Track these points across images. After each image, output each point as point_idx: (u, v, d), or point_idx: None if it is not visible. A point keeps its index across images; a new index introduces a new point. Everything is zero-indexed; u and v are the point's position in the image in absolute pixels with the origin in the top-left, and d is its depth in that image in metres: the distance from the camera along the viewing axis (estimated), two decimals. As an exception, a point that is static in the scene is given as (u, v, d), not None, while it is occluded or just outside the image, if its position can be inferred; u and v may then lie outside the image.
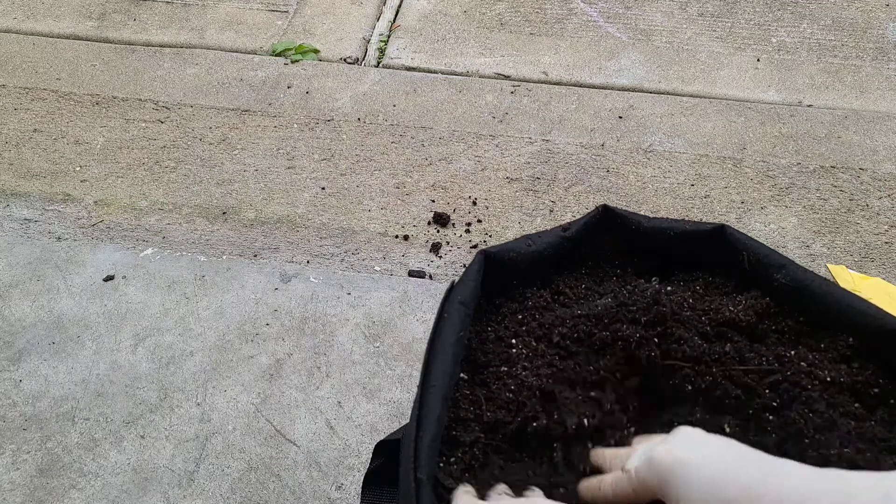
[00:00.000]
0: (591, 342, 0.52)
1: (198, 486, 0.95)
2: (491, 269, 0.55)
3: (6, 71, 1.63)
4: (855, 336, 0.50)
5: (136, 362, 1.09)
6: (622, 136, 1.50)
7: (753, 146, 1.48)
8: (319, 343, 1.11)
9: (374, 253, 1.27)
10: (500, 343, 0.55)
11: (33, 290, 1.18)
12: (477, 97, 1.58)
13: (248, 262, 1.24)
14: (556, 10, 1.85)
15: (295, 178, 1.40)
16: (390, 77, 1.64)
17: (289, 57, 1.69)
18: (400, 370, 1.08)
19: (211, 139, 1.48)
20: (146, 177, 1.41)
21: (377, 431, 1.01)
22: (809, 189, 1.39)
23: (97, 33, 1.76)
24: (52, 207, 1.35)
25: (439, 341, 0.48)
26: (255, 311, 1.16)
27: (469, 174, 1.41)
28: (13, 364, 1.08)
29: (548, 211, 1.34)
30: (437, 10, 1.86)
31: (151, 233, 1.30)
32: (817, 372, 0.48)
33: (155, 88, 1.60)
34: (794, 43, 1.75)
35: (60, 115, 1.53)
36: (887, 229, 1.32)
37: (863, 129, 1.51)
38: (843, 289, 0.52)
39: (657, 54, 1.72)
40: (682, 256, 0.60)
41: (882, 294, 1.19)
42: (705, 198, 1.37)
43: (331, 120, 1.53)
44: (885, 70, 1.67)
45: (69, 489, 0.95)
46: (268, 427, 1.02)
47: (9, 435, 1.00)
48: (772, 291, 0.55)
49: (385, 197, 1.37)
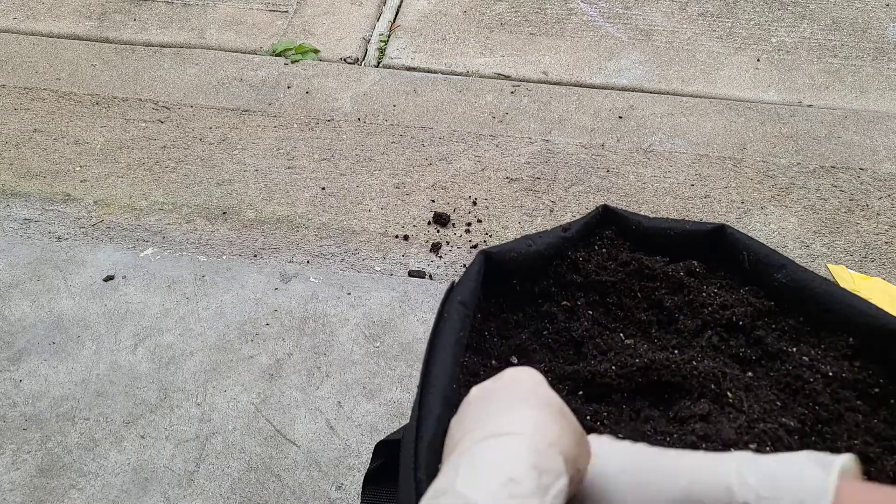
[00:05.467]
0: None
1: (198, 486, 0.95)
2: (491, 269, 0.55)
3: (6, 71, 1.63)
4: (855, 336, 0.50)
5: (136, 362, 1.09)
6: (622, 136, 1.50)
7: (753, 146, 1.47)
8: (319, 343, 1.11)
9: (374, 253, 1.27)
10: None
11: (33, 290, 1.18)
12: (477, 97, 1.58)
13: (248, 262, 1.24)
14: (556, 10, 1.85)
15: (295, 178, 1.40)
16: (390, 77, 1.64)
17: (289, 57, 1.69)
18: (400, 370, 1.08)
19: (211, 139, 1.48)
20: (146, 177, 1.41)
21: (377, 431, 1.01)
22: (809, 189, 1.39)
23: (97, 33, 1.76)
24: (52, 207, 1.34)
25: (439, 341, 0.48)
26: (255, 311, 1.16)
27: (469, 174, 1.41)
28: (13, 364, 1.08)
29: (548, 211, 1.34)
30: (437, 10, 1.86)
31: (151, 233, 1.30)
32: (820, 367, 0.49)
33: (155, 88, 1.60)
34: (794, 43, 1.75)
35: (60, 115, 1.53)
36: (887, 229, 1.32)
37: (863, 129, 1.51)
38: (844, 289, 0.52)
39: (657, 54, 1.72)
40: (682, 256, 0.60)
41: (882, 294, 1.19)
42: (705, 198, 1.37)
43: (331, 120, 1.53)
44: (885, 70, 1.67)
45: (69, 489, 0.95)
46: (268, 427, 1.02)
47: (9, 435, 1.00)
48: (772, 291, 0.55)
49: (385, 197, 1.37)
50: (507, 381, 0.37)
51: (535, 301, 0.59)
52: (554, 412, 0.34)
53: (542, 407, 0.34)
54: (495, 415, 0.34)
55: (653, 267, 0.57)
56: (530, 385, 0.36)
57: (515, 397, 0.35)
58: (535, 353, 0.56)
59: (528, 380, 0.37)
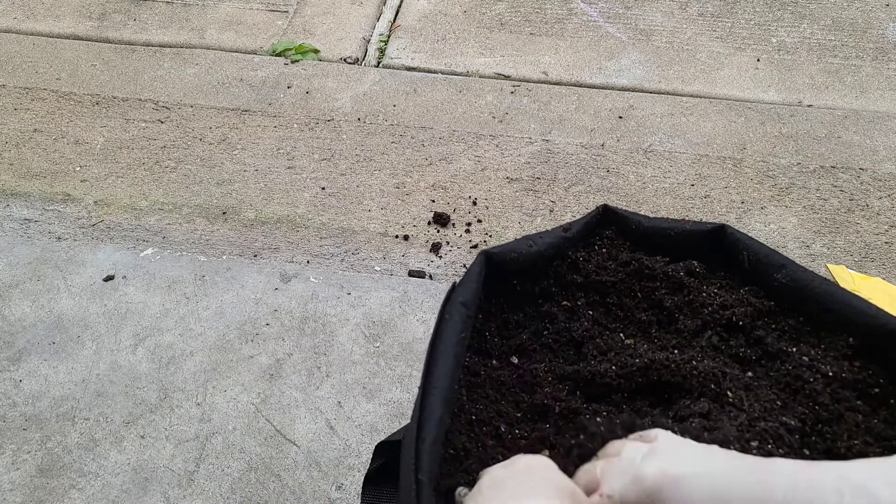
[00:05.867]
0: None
1: (198, 486, 0.95)
2: (492, 269, 0.55)
3: (6, 71, 1.63)
4: (855, 336, 0.50)
5: (136, 362, 1.09)
6: (622, 136, 1.50)
7: (753, 146, 1.48)
8: (319, 343, 1.11)
9: (374, 253, 1.27)
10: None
11: (33, 290, 1.18)
12: (477, 97, 1.58)
13: (248, 262, 1.24)
14: (556, 10, 1.85)
15: (295, 178, 1.40)
16: (390, 77, 1.64)
17: (289, 57, 1.69)
18: (400, 370, 1.08)
19: (211, 139, 1.48)
20: (146, 177, 1.41)
21: (377, 431, 1.01)
22: (809, 189, 1.39)
23: (97, 33, 1.76)
24: (52, 207, 1.34)
25: (441, 343, 0.48)
26: (255, 311, 1.16)
27: (469, 174, 1.41)
28: (13, 364, 1.08)
29: (548, 211, 1.34)
30: (437, 10, 1.86)
31: (151, 233, 1.30)
32: (819, 367, 0.49)
33: (155, 88, 1.60)
34: (794, 43, 1.75)
35: (60, 115, 1.53)
36: (887, 229, 1.32)
37: (863, 129, 1.51)
38: (843, 289, 0.52)
39: (657, 54, 1.72)
40: (682, 256, 0.60)
41: (882, 294, 1.19)
42: (705, 198, 1.37)
43: (331, 120, 1.53)
44: (885, 70, 1.67)
45: (69, 489, 0.95)
46: (268, 427, 1.02)
47: (9, 435, 1.00)
48: (772, 291, 0.55)
49: (385, 197, 1.37)
50: (520, 469, 0.37)
51: (536, 301, 0.59)
52: (565, 500, 0.34)
53: (551, 498, 0.34)
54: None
55: (653, 267, 0.57)
56: (541, 473, 0.36)
57: (526, 487, 0.35)
58: (536, 353, 0.56)
59: (539, 468, 0.37)
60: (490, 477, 0.39)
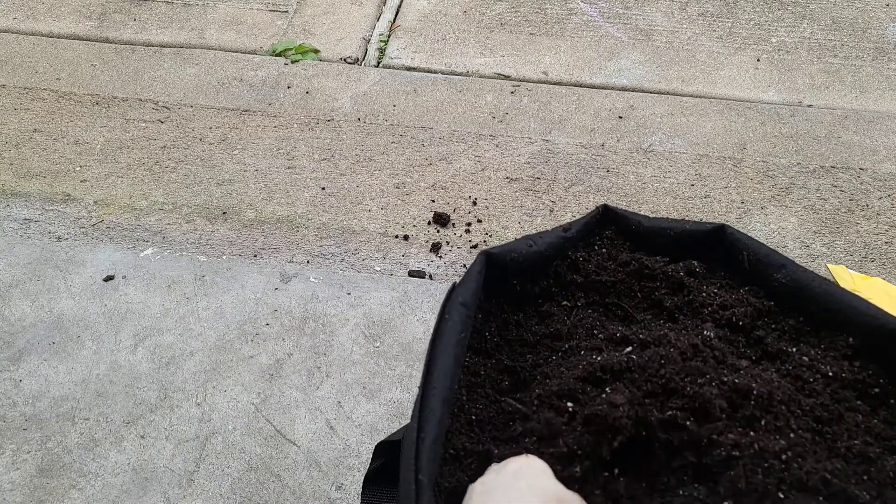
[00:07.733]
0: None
1: (198, 486, 0.95)
2: (492, 269, 0.55)
3: (6, 71, 1.63)
4: (855, 336, 0.50)
5: (136, 362, 1.09)
6: (622, 136, 1.50)
7: (753, 146, 1.48)
8: (319, 343, 1.11)
9: (374, 253, 1.27)
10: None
11: (33, 290, 1.18)
12: (477, 97, 1.58)
13: (248, 262, 1.24)
14: (556, 10, 1.85)
15: (295, 178, 1.40)
16: (390, 77, 1.64)
17: (289, 57, 1.69)
18: (400, 370, 1.08)
19: (211, 139, 1.48)
20: (146, 177, 1.41)
21: (377, 431, 1.01)
22: (809, 189, 1.39)
23: (97, 33, 1.76)
24: (52, 207, 1.34)
25: (441, 343, 0.48)
26: (255, 311, 1.16)
27: (469, 174, 1.41)
28: (13, 364, 1.08)
29: (548, 211, 1.34)
30: (437, 10, 1.86)
31: (151, 233, 1.30)
32: (819, 367, 0.49)
33: (155, 88, 1.60)
34: (794, 43, 1.75)
35: (60, 115, 1.53)
36: (887, 229, 1.32)
37: (863, 129, 1.51)
38: (843, 289, 0.52)
39: (657, 54, 1.72)
40: (682, 256, 0.60)
41: (882, 294, 1.19)
42: (705, 198, 1.37)
43: (331, 120, 1.53)
44: (885, 70, 1.67)
45: (69, 489, 0.95)
46: (268, 427, 1.02)
47: (9, 435, 1.00)
48: (772, 291, 0.55)
49: (385, 197, 1.37)
50: (509, 474, 0.38)
51: (536, 301, 0.59)
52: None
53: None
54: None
55: (653, 267, 0.57)
56: (529, 479, 0.37)
57: (512, 495, 0.37)
58: (536, 353, 0.56)
59: (528, 472, 0.38)
60: (481, 484, 0.39)
